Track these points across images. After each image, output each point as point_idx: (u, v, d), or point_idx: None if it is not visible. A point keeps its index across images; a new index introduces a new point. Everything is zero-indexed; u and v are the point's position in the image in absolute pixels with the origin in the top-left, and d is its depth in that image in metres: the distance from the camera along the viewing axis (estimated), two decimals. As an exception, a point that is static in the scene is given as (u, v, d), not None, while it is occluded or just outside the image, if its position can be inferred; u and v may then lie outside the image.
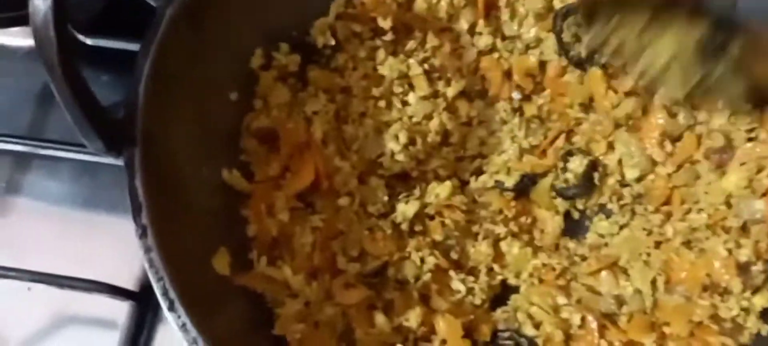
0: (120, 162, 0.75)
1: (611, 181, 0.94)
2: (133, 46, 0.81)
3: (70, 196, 1.03)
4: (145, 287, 0.94)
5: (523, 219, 0.94)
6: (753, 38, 0.81)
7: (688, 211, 0.90)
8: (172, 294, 0.71)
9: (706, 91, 0.86)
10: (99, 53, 1.01)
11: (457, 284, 0.88)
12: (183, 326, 0.70)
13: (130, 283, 0.95)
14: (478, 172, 0.97)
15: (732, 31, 0.81)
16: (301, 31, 0.96)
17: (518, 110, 0.98)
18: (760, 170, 0.89)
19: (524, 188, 0.95)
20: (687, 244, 0.88)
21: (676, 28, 0.83)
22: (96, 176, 1.03)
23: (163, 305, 0.71)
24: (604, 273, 0.89)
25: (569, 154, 0.95)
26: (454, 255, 0.90)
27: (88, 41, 1.00)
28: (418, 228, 0.91)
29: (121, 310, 0.94)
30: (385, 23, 0.96)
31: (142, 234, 0.72)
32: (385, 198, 0.92)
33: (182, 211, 0.80)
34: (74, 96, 0.66)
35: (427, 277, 0.87)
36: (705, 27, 0.82)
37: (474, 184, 0.95)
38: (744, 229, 0.87)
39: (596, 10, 0.90)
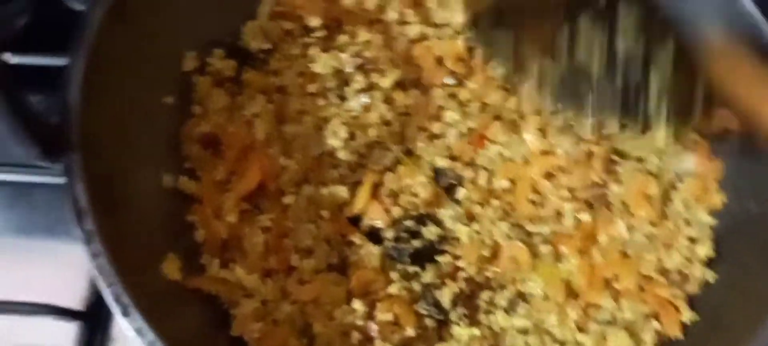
0: (58, 175, 0.73)
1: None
2: (60, 62, 0.80)
3: (4, 223, 0.99)
4: (92, 306, 0.91)
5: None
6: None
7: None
8: (126, 299, 0.69)
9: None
10: (24, 72, 0.96)
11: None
12: (139, 331, 0.68)
13: (74, 306, 0.91)
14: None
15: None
16: (234, 36, 0.96)
17: (453, 96, 0.99)
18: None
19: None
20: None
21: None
22: (31, 200, 0.99)
23: (117, 311, 0.69)
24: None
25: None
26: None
27: (13, 60, 0.97)
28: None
29: (68, 335, 0.90)
30: (314, 21, 0.97)
31: (88, 240, 0.70)
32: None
33: (127, 217, 0.77)
34: (4, 96, 0.63)
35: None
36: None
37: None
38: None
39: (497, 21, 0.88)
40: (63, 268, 0.93)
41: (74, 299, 0.91)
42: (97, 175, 0.74)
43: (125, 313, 0.68)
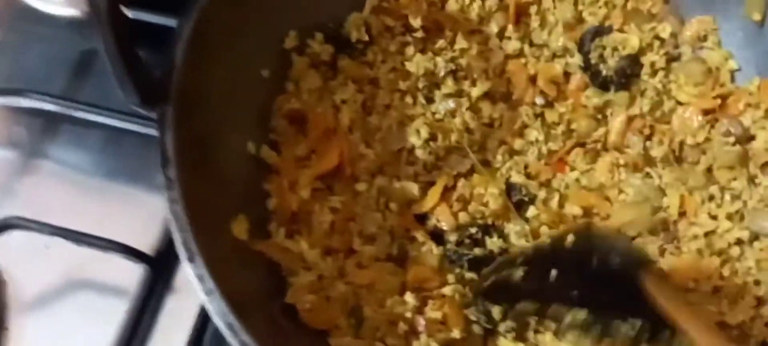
0: (148, 126, 0.78)
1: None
2: (171, 22, 0.85)
3: (93, 164, 1.06)
4: (160, 254, 0.96)
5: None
6: None
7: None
8: (193, 246, 0.73)
9: None
10: (138, 27, 1.03)
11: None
12: (200, 278, 0.72)
13: (145, 250, 0.96)
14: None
15: None
16: (336, 22, 0.99)
17: (540, 116, 1.00)
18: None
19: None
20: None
21: None
22: (120, 147, 1.05)
23: (183, 256, 0.73)
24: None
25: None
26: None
27: (130, 14, 1.03)
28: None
29: (132, 278, 0.95)
30: (415, 22, 0.99)
31: (169, 186, 0.74)
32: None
33: (207, 174, 0.82)
34: (116, 42, 0.68)
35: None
36: None
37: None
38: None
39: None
40: (139, 215, 0.99)
41: (145, 245, 0.96)
42: (188, 129, 0.79)
43: (191, 259, 0.72)
